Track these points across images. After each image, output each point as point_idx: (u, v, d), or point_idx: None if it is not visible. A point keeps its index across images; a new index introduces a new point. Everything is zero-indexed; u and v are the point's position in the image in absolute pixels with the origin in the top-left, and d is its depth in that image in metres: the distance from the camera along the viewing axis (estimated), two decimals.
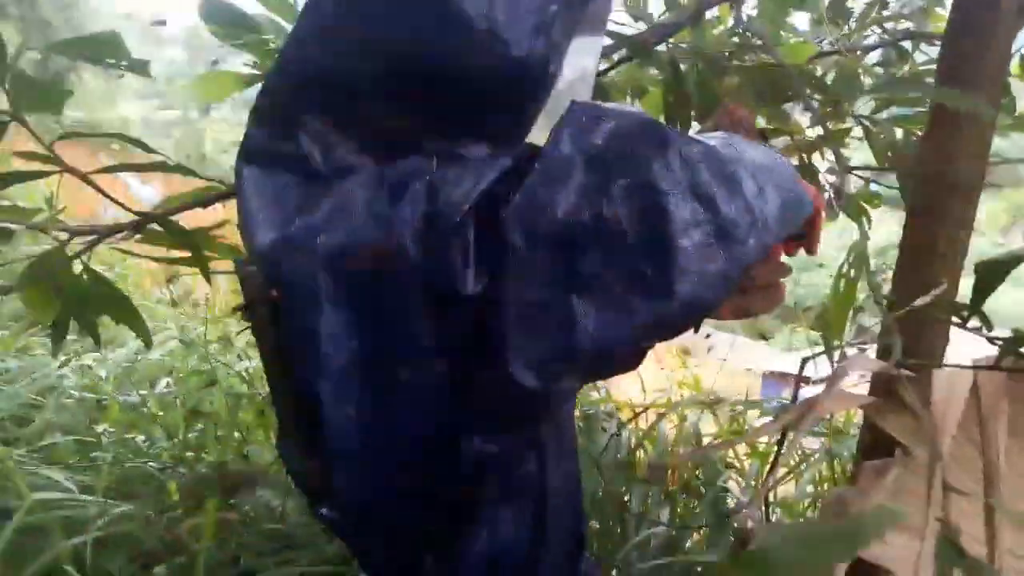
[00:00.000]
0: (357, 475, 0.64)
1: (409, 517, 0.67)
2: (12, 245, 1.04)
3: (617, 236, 0.55)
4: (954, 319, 0.75)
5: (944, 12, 1.74)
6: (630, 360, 0.91)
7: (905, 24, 1.84)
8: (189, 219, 1.09)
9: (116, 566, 1.65)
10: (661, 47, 1.14)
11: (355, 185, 0.60)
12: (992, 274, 0.57)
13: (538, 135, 0.63)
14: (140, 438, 2.01)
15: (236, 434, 1.98)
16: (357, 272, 0.59)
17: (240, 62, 1.33)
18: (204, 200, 1.08)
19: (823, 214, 0.77)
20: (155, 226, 1.07)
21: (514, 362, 0.56)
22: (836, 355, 1.09)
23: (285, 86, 0.65)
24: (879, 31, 1.67)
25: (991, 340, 0.66)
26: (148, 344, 1.27)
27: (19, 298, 1.15)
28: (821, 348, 1.02)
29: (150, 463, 1.91)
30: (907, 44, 1.83)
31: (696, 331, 0.72)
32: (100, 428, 1.96)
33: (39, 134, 0.99)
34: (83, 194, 1.11)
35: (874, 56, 1.92)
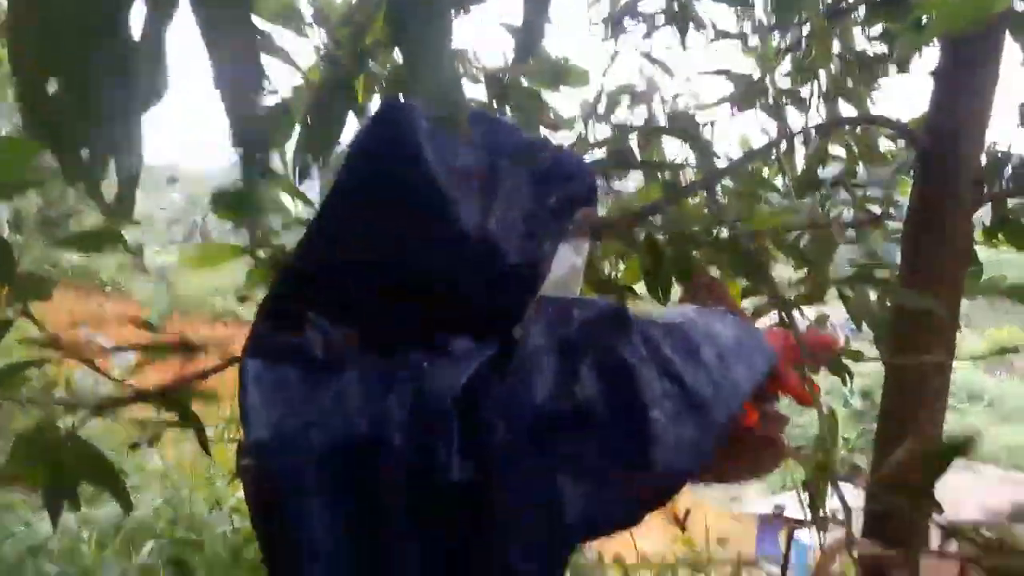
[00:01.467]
0: None
1: None
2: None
3: (593, 417, 0.59)
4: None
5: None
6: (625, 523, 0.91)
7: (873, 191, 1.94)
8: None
9: None
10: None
11: (348, 382, 0.62)
12: (939, 457, 0.60)
13: None
14: None
15: None
16: (346, 466, 0.60)
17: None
18: (200, 373, 1.10)
19: (787, 364, 0.80)
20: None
21: (511, 550, 0.58)
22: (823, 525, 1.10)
23: (292, 282, 0.69)
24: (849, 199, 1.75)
25: (941, 527, 0.68)
26: (128, 509, 1.26)
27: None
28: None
29: None
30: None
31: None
32: None
33: None
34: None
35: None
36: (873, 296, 1.81)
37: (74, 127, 0.39)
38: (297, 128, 1.25)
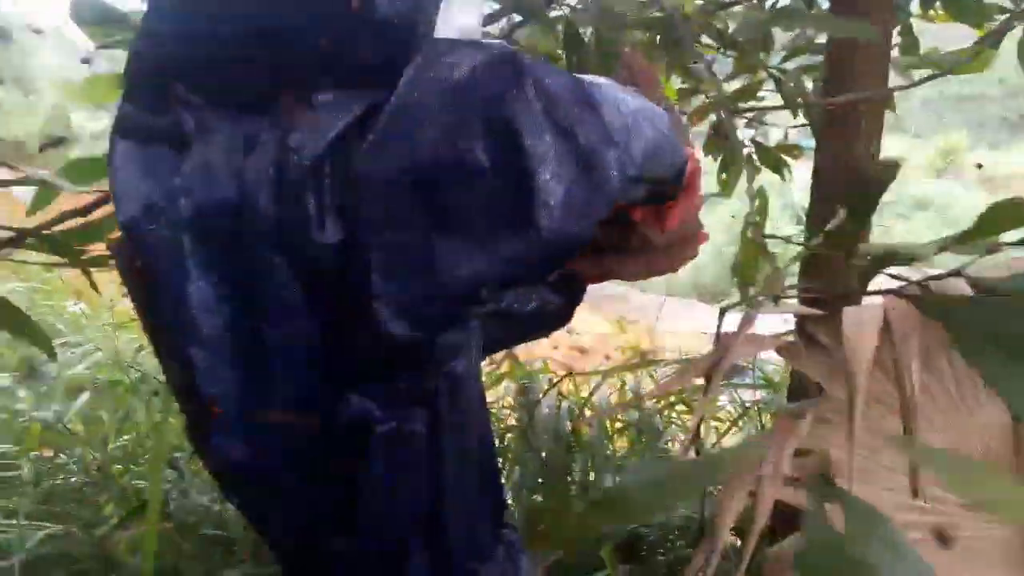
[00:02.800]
0: (239, 442, 0.63)
1: (296, 484, 0.65)
2: None
3: (475, 172, 0.54)
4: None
5: None
6: (548, 322, 0.89)
7: None
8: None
9: None
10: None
11: (213, 143, 0.58)
12: (864, 200, 0.57)
13: None
14: (63, 457, 1.93)
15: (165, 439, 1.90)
16: (218, 232, 0.57)
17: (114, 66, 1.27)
18: (82, 208, 1.02)
19: (698, 177, 0.78)
20: None
21: (382, 311, 0.55)
22: (755, 305, 1.09)
23: (149, 57, 0.63)
24: None
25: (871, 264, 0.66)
26: (51, 356, 1.21)
27: None
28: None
29: (76, 479, 1.84)
30: None
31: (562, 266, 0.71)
32: (20, 449, 1.87)
33: None
34: None
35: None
36: (809, 85, 1.78)
37: None
38: None
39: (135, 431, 1.96)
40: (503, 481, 1.89)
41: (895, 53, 1.42)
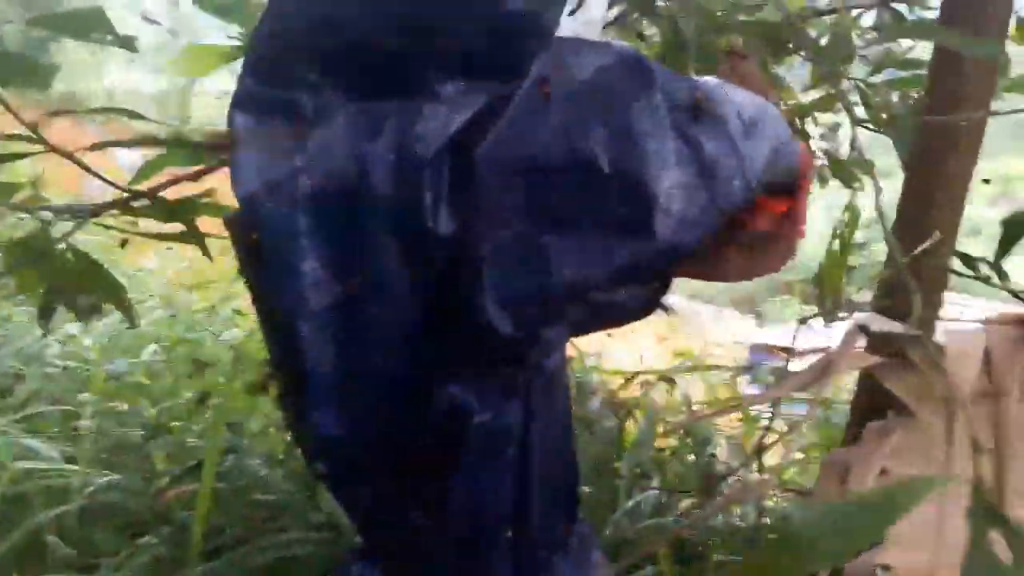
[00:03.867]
0: (335, 417, 0.64)
1: (388, 464, 0.66)
2: None
3: (594, 175, 0.54)
4: (966, 271, 0.74)
5: None
6: (637, 311, 0.89)
7: None
8: (176, 189, 1.05)
9: (101, 536, 1.63)
10: (660, 2, 1.11)
11: (336, 126, 0.58)
12: (1018, 227, 0.55)
13: None
14: (125, 407, 1.97)
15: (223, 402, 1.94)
16: (334, 211, 0.58)
17: (225, 35, 1.28)
18: (193, 174, 1.04)
19: (811, 175, 0.77)
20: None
21: (488, 305, 0.55)
22: (833, 318, 1.08)
23: (275, 33, 0.64)
24: None
25: (1015, 294, 0.65)
26: (133, 323, 1.24)
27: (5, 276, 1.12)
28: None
29: (136, 432, 1.88)
30: (902, 7, 1.81)
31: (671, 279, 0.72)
32: (85, 397, 1.92)
33: (22, 107, 0.95)
34: (68, 168, 1.07)
35: (869, 19, 1.90)
36: (895, 98, 1.74)
37: None
38: None
39: (196, 390, 1.99)
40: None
41: None
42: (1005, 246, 0.61)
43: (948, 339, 0.73)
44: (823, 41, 1.66)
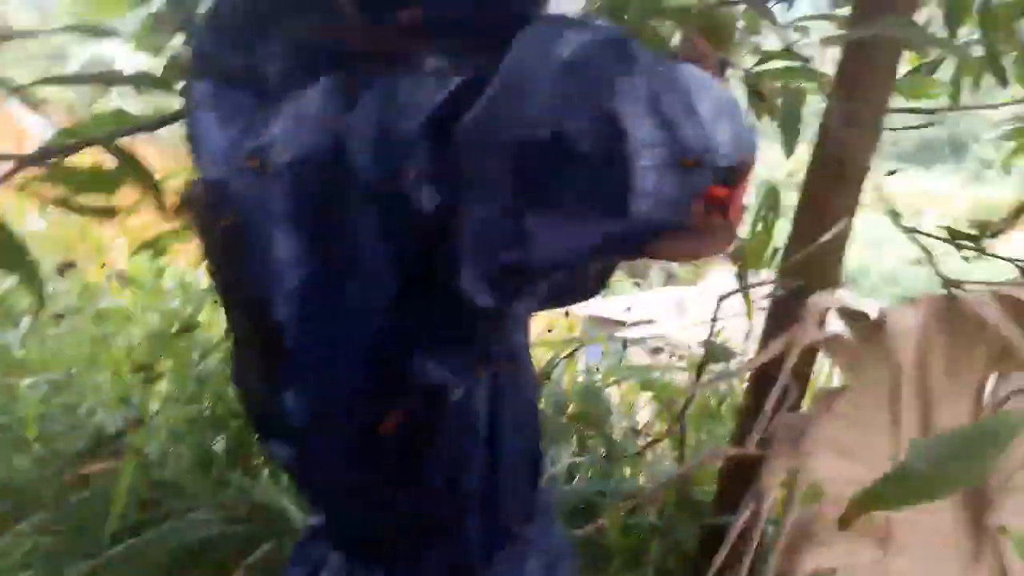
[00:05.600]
0: (311, 394, 0.63)
1: (359, 438, 0.65)
2: None
3: (575, 153, 0.54)
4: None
5: None
6: (589, 288, 0.91)
7: None
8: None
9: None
10: None
11: (308, 98, 0.56)
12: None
13: None
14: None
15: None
16: (310, 187, 0.56)
17: None
18: (118, 132, 0.95)
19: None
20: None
21: (468, 278, 0.56)
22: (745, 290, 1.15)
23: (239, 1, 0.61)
24: None
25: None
26: (41, 305, 1.15)
27: None
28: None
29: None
30: None
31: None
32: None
33: None
34: None
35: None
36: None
37: None
38: None
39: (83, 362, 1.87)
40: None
41: None
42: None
43: (887, 317, 0.79)
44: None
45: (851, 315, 0.82)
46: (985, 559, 0.82)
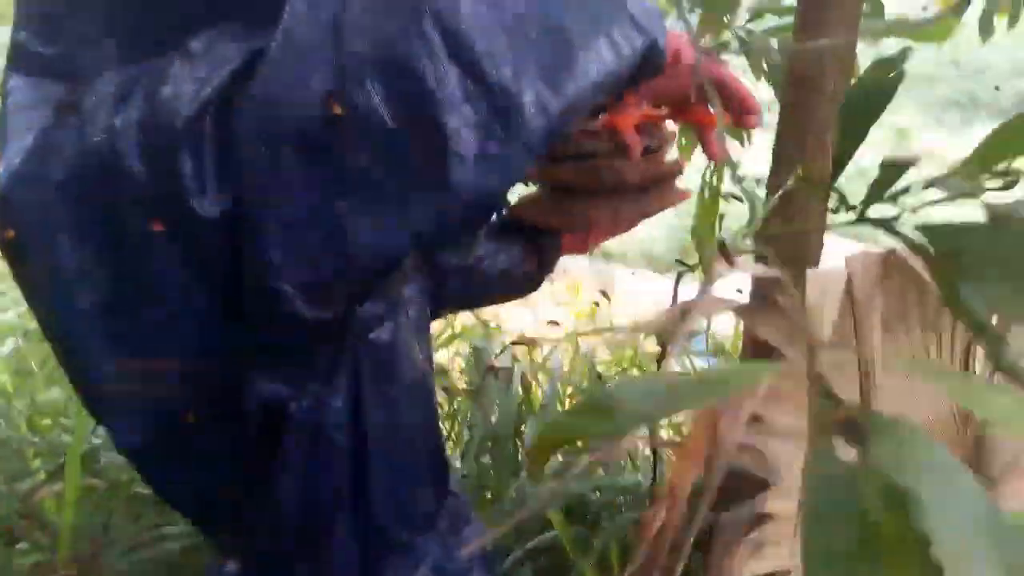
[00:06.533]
0: (128, 429, 0.57)
1: (201, 475, 0.60)
2: None
3: (376, 126, 0.47)
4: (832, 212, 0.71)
5: None
6: (519, 283, 0.83)
7: None
8: None
9: None
10: None
11: (93, 94, 0.50)
12: (893, 171, 0.52)
13: None
14: None
15: None
16: (90, 196, 0.50)
17: None
18: None
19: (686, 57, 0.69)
20: None
21: (286, 290, 0.49)
22: (710, 270, 1.06)
23: None
24: None
25: (875, 222, 0.62)
26: None
27: None
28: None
29: (2, 431, 1.75)
30: None
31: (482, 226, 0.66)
32: None
33: None
34: None
35: None
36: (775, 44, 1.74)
37: None
38: None
39: (65, 383, 1.87)
40: (449, 444, 1.86)
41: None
42: (878, 188, 0.58)
43: (809, 281, 0.71)
44: None
45: (768, 279, 0.74)
46: None
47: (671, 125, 0.79)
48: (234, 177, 0.47)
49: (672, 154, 0.81)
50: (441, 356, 2.31)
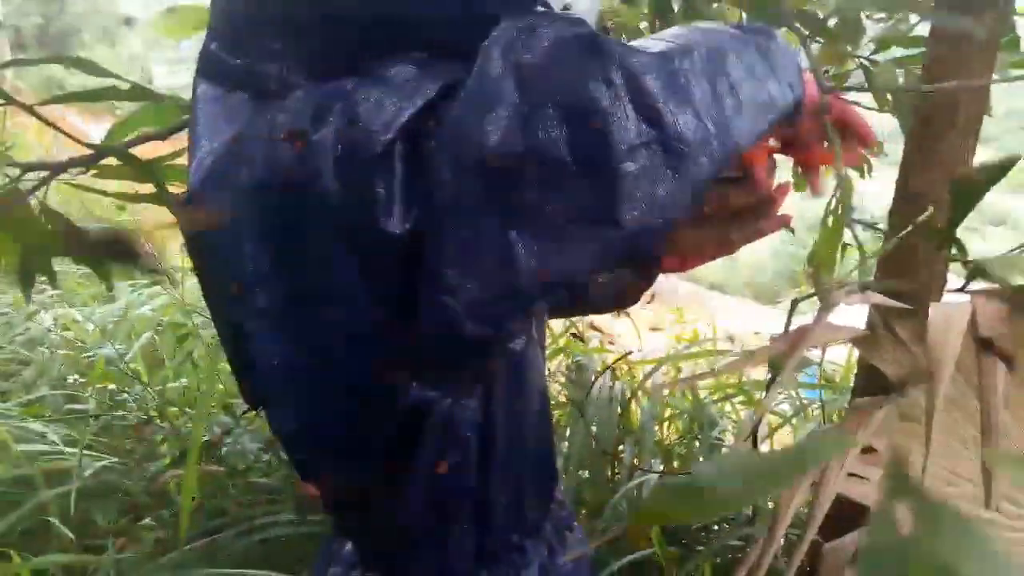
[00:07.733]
0: (291, 419, 0.62)
1: (346, 462, 0.64)
2: None
3: (554, 163, 0.50)
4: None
5: None
6: (618, 298, 0.86)
7: None
8: (148, 151, 1.03)
9: (102, 517, 1.64)
10: None
11: (287, 109, 0.54)
12: (968, 192, 0.52)
13: None
14: (124, 393, 1.98)
15: (219, 386, 1.94)
16: (279, 206, 0.54)
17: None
18: (162, 133, 1.01)
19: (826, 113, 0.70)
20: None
21: (454, 307, 0.51)
22: (827, 299, 1.05)
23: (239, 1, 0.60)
24: None
25: (965, 263, 0.62)
26: (109, 288, 1.22)
27: None
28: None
29: (135, 416, 1.89)
30: None
31: (657, 267, 0.68)
32: (83, 381, 1.93)
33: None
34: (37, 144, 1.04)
35: None
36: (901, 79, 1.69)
37: None
38: None
39: (195, 375, 1.99)
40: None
41: None
42: (959, 213, 0.58)
43: (932, 313, 0.70)
44: (831, 22, 1.63)
45: (888, 311, 0.73)
46: None
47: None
48: (421, 199, 0.51)
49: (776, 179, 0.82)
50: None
